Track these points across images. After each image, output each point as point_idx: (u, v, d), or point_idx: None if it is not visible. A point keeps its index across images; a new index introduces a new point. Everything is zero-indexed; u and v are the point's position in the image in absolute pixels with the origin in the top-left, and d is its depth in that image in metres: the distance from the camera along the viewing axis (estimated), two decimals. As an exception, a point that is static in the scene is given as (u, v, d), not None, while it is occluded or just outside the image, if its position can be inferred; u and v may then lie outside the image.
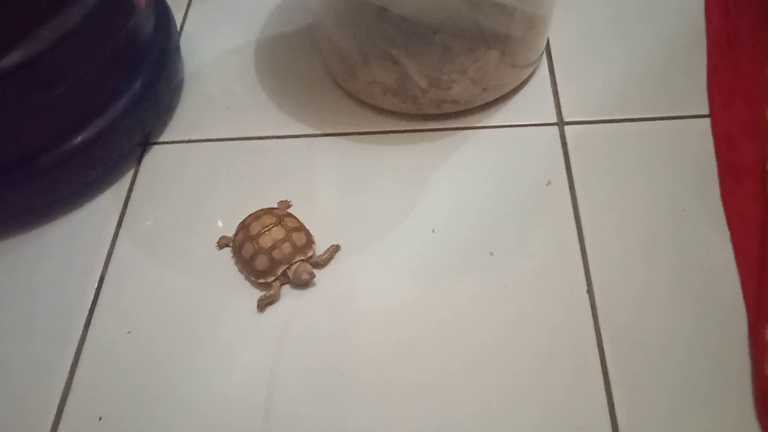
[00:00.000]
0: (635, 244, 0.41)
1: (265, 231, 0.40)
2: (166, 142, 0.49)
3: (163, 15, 0.50)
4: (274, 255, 0.40)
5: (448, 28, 0.45)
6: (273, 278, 0.40)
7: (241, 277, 0.42)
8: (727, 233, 0.41)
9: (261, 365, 0.38)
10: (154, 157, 0.49)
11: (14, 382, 0.39)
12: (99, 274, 0.43)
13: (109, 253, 0.44)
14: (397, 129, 0.48)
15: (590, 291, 0.39)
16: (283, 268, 0.40)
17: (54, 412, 0.38)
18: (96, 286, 0.42)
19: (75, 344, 0.40)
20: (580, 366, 0.37)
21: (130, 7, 0.45)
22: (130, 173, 0.48)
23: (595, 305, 0.39)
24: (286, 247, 0.40)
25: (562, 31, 0.52)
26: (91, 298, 0.42)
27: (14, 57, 0.39)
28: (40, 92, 0.42)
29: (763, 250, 0.40)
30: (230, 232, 0.43)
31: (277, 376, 0.37)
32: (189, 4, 0.59)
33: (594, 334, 0.38)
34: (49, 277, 0.43)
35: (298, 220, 0.42)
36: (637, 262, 0.40)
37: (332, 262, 0.42)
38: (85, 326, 0.41)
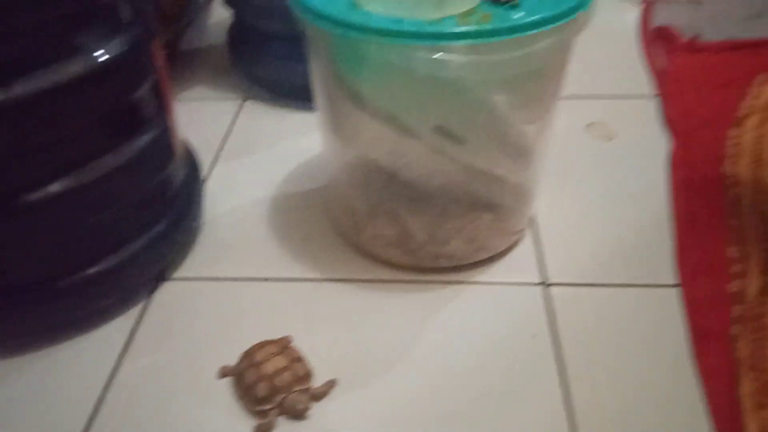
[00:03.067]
0: (618, 397, 0.43)
1: (269, 359, 0.42)
2: (180, 279, 0.53)
3: (193, 167, 0.56)
4: (275, 382, 0.41)
5: (447, 194, 0.51)
6: (271, 406, 0.41)
7: (238, 407, 0.43)
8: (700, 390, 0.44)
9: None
10: (167, 291, 0.52)
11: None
12: (96, 399, 0.44)
13: (109, 380, 0.45)
14: (395, 279, 0.52)
15: (576, 437, 0.41)
16: (282, 396, 0.42)
17: None
18: (91, 411, 0.43)
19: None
20: None
21: (170, 156, 0.51)
22: (141, 304, 0.51)
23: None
24: (287, 376, 0.42)
25: (547, 204, 0.59)
26: (84, 424, 0.43)
27: (62, 185, 0.43)
28: (74, 220, 0.46)
29: (733, 409, 0.43)
30: (232, 363, 0.45)
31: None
32: (215, 160, 0.66)
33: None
34: (47, 398, 0.44)
35: (299, 352, 0.44)
36: (620, 415, 0.42)
37: (328, 396, 0.43)
38: None
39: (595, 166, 0.65)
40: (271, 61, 0.74)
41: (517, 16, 0.43)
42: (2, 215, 0.43)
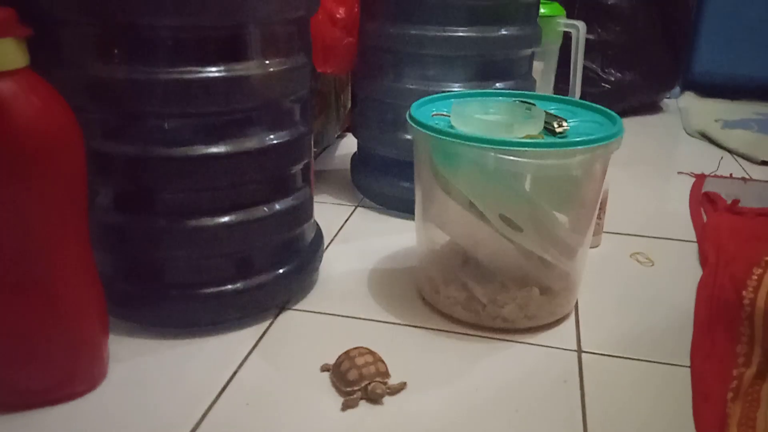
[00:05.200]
0: None
1: (361, 355, 0.58)
2: (298, 310, 0.70)
3: (319, 235, 0.76)
4: (362, 371, 0.56)
5: (506, 272, 0.67)
6: (357, 388, 0.56)
7: (332, 389, 0.58)
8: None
9: (336, 440, 0.52)
10: (288, 317, 0.69)
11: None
12: (225, 380, 0.60)
13: (237, 368, 0.61)
14: (458, 331, 0.67)
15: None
16: (366, 382, 0.56)
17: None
18: (220, 389, 0.59)
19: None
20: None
21: (307, 218, 0.71)
22: (268, 322, 0.68)
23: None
24: (372, 368, 0.57)
25: (590, 295, 0.73)
26: (215, 396, 0.59)
27: (229, 218, 0.62)
28: (229, 245, 0.63)
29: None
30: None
31: (348, 443, 0.52)
32: (331, 241, 0.86)
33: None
34: (183, 374, 0.60)
35: (382, 358, 0.59)
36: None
37: (399, 393, 0.58)
38: (203, 415, 0.56)
39: (635, 280, 0.79)
40: (380, 179, 0.96)
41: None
42: (180, 232, 0.61)
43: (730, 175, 1.17)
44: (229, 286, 0.65)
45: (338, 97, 1.17)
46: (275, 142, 0.64)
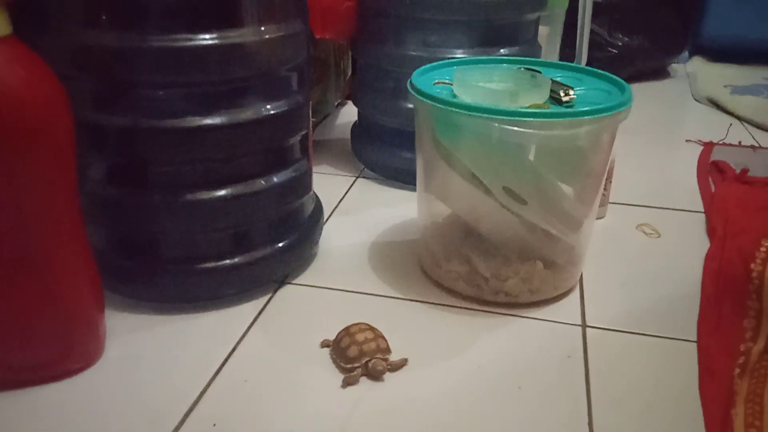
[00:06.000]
0: (631, 417, 0.53)
1: (361, 331, 0.57)
2: (298, 284, 0.69)
3: (318, 207, 0.74)
4: (363, 348, 0.55)
5: (510, 245, 0.66)
6: (357, 365, 0.55)
7: (333, 366, 0.57)
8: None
9: (337, 415, 0.52)
10: (288, 291, 0.68)
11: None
12: (225, 354, 0.59)
13: (237, 343, 0.60)
14: (460, 306, 0.66)
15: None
16: (366, 359, 0.55)
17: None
18: (217, 368, 0.58)
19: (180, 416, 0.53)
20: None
21: (306, 191, 0.69)
22: (267, 297, 0.67)
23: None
24: (373, 345, 0.56)
25: (596, 268, 0.72)
26: (211, 375, 0.58)
27: (226, 191, 0.60)
28: (226, 220, 0.61)
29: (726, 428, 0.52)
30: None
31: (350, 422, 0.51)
32: (332, 213, 0.85)
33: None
34: (182, 351, 0.59)
35: (383, 334, 0.58)
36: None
37: (400, 370, 0.57)
38: (202, 392, 0.56)
39: (641, 252, 0.78)
40: (382, 149, 0.94)
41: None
42: (176, 206, 0.60)
43: (739, 143, 1.15)
44: (227, 261, 0.64)
45: (338, 63, 1.14)
46: (272, 112, 0.61)
